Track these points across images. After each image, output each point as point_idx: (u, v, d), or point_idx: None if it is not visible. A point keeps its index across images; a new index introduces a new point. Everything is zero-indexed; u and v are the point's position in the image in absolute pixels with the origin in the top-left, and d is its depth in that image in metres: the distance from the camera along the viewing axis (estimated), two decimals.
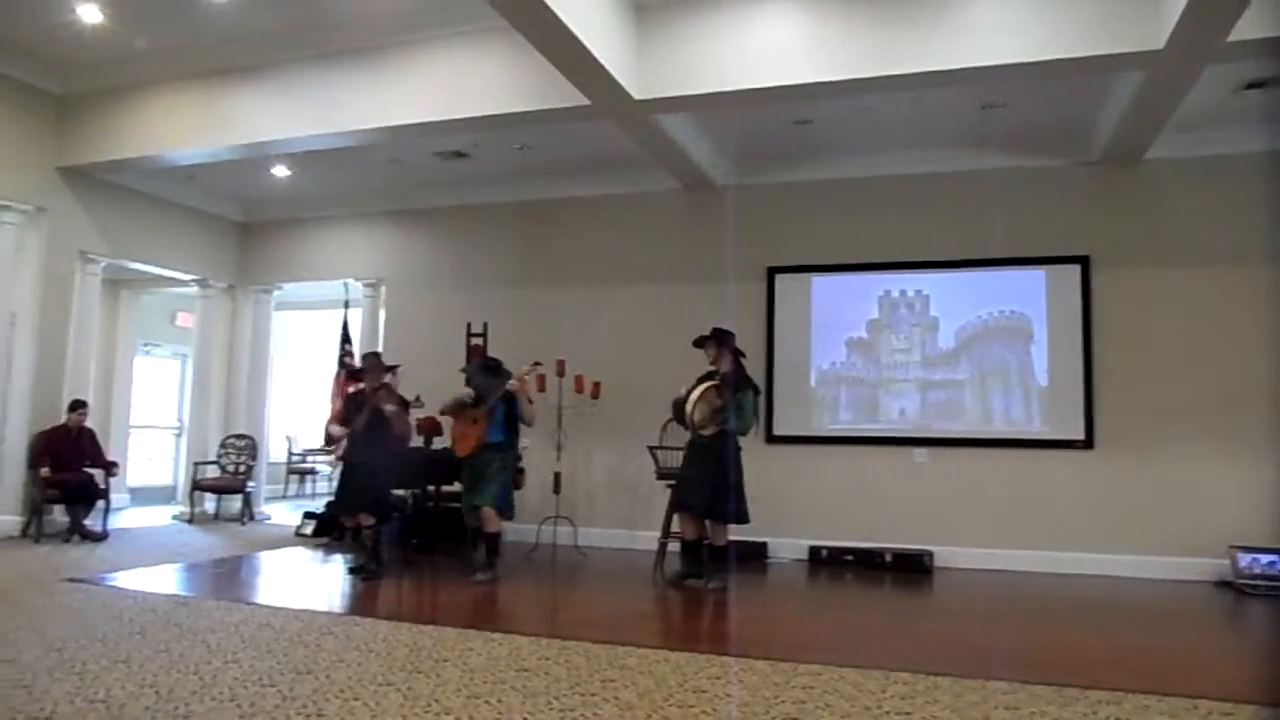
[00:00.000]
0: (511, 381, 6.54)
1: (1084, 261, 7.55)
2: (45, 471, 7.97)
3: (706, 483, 6.14)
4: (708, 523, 6.27)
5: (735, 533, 7.75)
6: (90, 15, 6.91)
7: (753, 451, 8.04)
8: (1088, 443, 7.40)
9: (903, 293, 8.04)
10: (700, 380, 6.37)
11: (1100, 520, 7.28)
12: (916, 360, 7.96)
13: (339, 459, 7.11)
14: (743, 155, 8.32)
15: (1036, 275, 7.69)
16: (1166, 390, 7.28)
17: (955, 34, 5.80)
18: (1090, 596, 6.44)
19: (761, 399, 6.43)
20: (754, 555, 7.86)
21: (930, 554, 7.47)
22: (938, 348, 7.91)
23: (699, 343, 6.46)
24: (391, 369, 7.02)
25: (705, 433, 6.21)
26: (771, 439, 8.18)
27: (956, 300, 7.88)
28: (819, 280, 8.28)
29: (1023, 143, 7.70)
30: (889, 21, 5.95)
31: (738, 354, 6.41)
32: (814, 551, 7.80)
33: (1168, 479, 7.19)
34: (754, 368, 8.19)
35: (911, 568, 7.37)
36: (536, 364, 6.91)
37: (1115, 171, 7.54)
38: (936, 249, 7.93)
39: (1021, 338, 7.69)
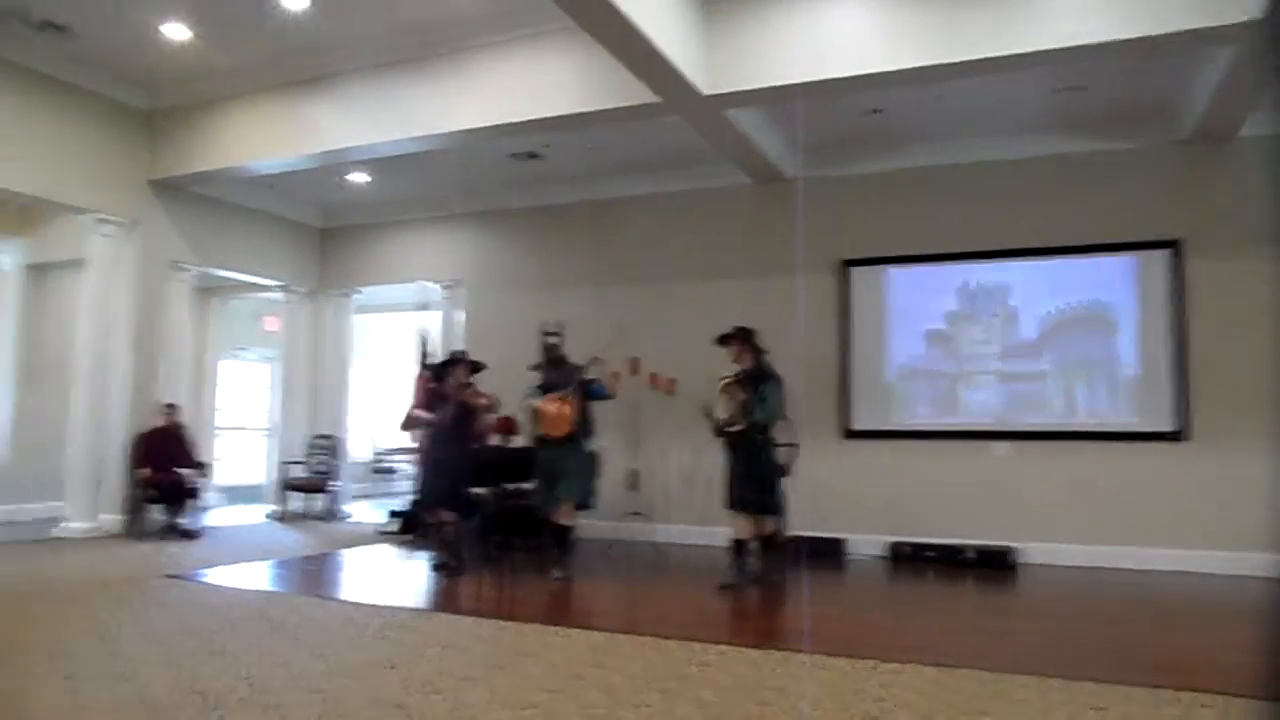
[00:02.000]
0: (593, 357, 6.61)
1: (1174, 245, 7.27)
2: (146, 472, 8.32)
3: (739, 478, 6.22)
4: (749, 516, 6.27)
5: (813, 529, 7.75)
6: (177, 33, 7.18)
7: (829, 447, 8.04)
8: (1180, 434, 7.13)
9: (981, 283, 7.86)
10: (723, 379, 6.38)
11: (1193, 515, 7.01)
12: (997, 352, 7.77)
13: (417, 452, 7.23)
14: (813, 147, 8.23)
15: (1123, 261, 7.44)
16: (1265, 379, 6.97)
17: (1033, 15, 5.64)
18: (1182, 594, 6.22)
19: (784, 387, 6.35)
20: (832, 551, 7.79)
21: (1014, 550, 7.30)
22: (1019, 338, 7.71)
23: (722, 340, 6.47)
24: (477, 367, 7.09)
25: (732, 429, 6.21)
26: (849, 434, 8.09)
27: (1038, 289, 7.67)
28: (894, 272, 8.15)
29: (1105, 124, 7.46)
30: (962, 5, 5.81)
31: (759, 350, 6.40)
32: (893, 548, 7.69)
33: (1266, 472, 6.87)
34: (828, 363, 8.17)
35: (994, 564, 7.22)
36: (617, 332, 6.91)
37: (1207, 151, 7.23)
38: (1015, 237, 7.73)
39: (1107, 327, 7.45)
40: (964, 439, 7.75)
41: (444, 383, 6.95)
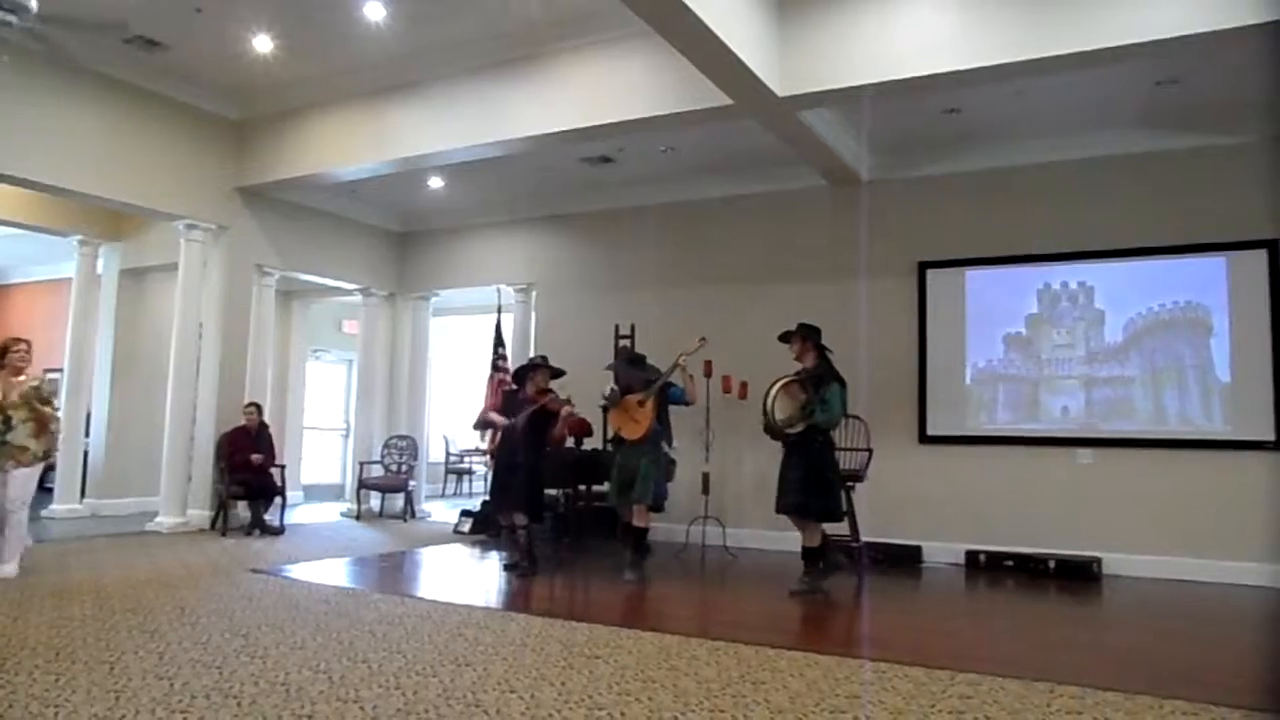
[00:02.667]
0: (679, 358, 6.59)
1: (1272, 245, 6.97)
2: (256, 458, 8.61)
3: (798, 481, 6.03)
4: (797, 521, 6.16)
5: (888, 535, 7.63)
6: (263, 45, 7.41)
7: (906, 452, 7.92)
8: (1277, 444, 6.82)
9: (1064, 285, 7.65)
10: (782, 379, 6.22)
11: None
12: (1080, 356, 7.55)
13: (489, 453, 7.32)
14: (889, 148, 8.11)
15: (1216, 262, 7.15)
16: None
17: (1122, 6, 5.44)
18: (1277, 612, 5.95)
19: (848, 391, 6.21)
20: (908, 559, 7.67)
21: (1098, 560, 7.08)
22: (1104, 342, 7.48)
23: (784, 338, 6.36)
24: (557, 374, 7.16)
25: (792, 431, 6.04)
26: (925, 439, 7.95)
27: (1124, 291, 7.43)
28: (973, 274, 7.98)
29: (1198, 119, 7.17)
30: None
31: (822, 348, 6.26)
32: (971, 556, 7.53)
33: None
34: (905, 366, 8.04)
35: (1078, 575, 7.01)
36: (702, 340, 6.88)
37: None
38: (1100, 238, 7.50)
39: (1199, 330, 7.18)
40: (1045, 445, 7.54)
41: (523, 388, 7.02)
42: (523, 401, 6.91)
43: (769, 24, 6.26)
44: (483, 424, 7.43)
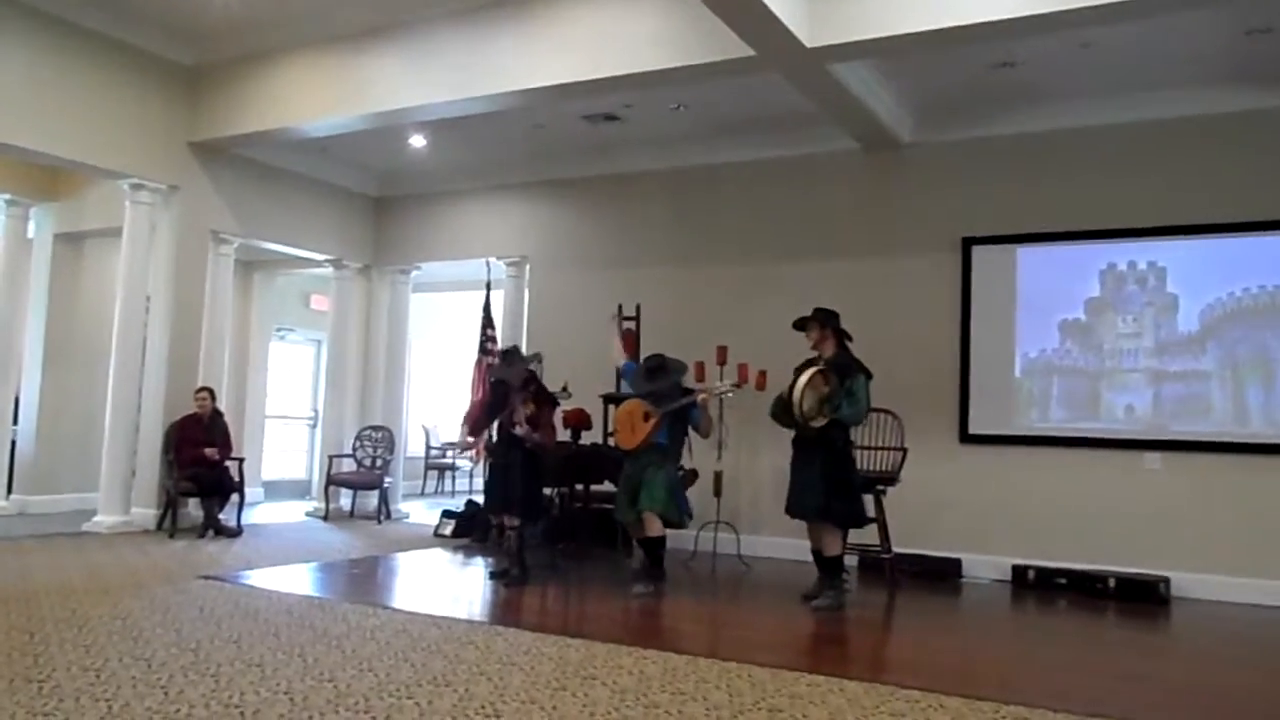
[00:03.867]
0: (700, 395, 6.58)
1: None
2: (210, 451, 8.59)
3: (816, 482, 6.06)
4: (815, 527, 6.18)
5: (923, 546, 7.61)
6: None
7: (945, 452, 7.89)
8: None
9: (1131, 265, 7.60)
10: (803, 367, 6.24)
11: None
12: (1149, 347, 7.50)
13: (483, 453, 7.37)
14: (932, 107, 8.05)
15: None
16: None
17: None
18: None
19: (874, 384, 6.24)
20: (946, 573, 7.65)
21: (1166, 580, 7.04)
22: (1176, 332, 7.43)
23: (799, 324, 6.38)
24: (532, 360, 7.13)
25: (815, 424, 6.07)
26: (967, 438, 7.92)
27: (1201, 274, 7.36)
28: (1025, 252, 7.93)
29: None
30: None
31: (842, 336, 6.30)
32: (1018, 572, 7.50)
33: None
34: (945, 356, 8.00)
35: (1142, 596, 6.96)
36: (736, 385, 6.95)
37: None
38: (1175, 212, 7.42)
39: None
40: (1106, 448, 7.50)
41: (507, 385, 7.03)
42: (506, 394, 6.93)
43: None
44: (473, 430, 7.48)
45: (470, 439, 7.37)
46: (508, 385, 6.97)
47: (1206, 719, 3.84)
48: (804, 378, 6.04)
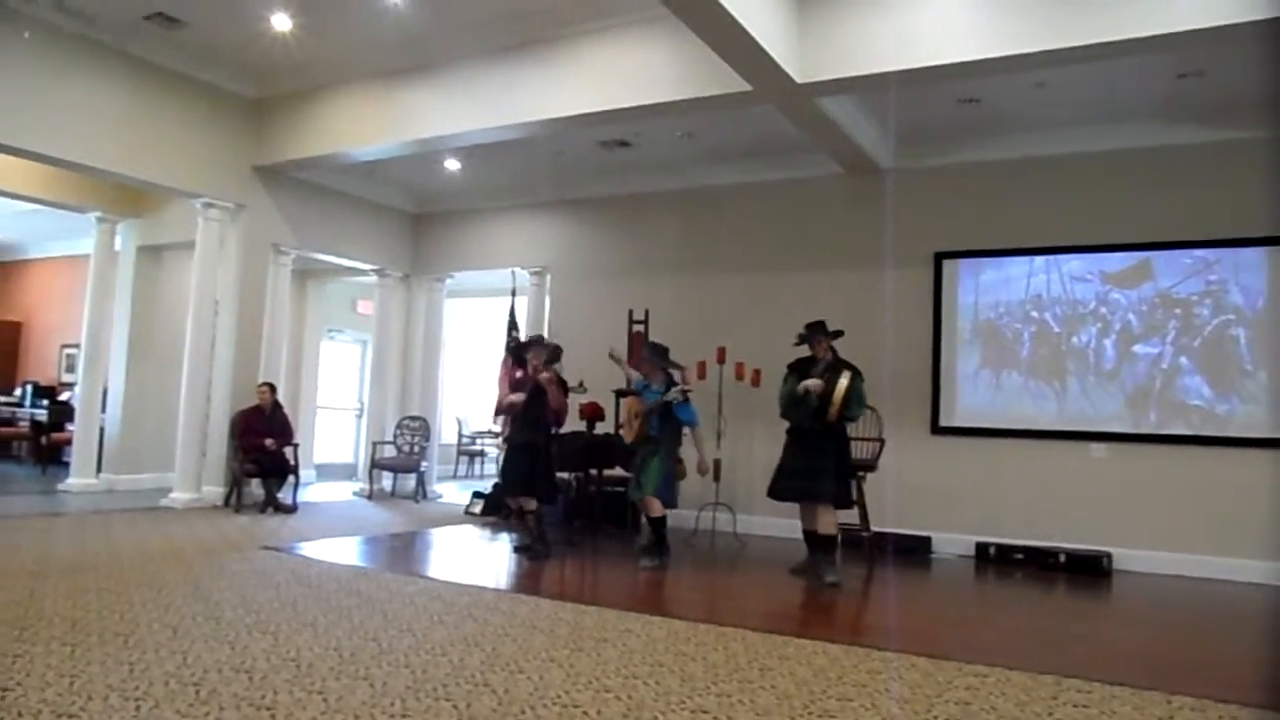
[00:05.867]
0: (673, 392, 6.57)
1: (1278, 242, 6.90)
2: (269, 443, 8.68)
3: (831, 469, 6.11)
4: (820, 509, 6.15)
5: (898, 525, 7.64)
6: (281, 23, 7.41)
7: (917, 443, 7.92)
8: None
9: (1079, 277, 7.60)
10: (798, 366, 6.30)
11: None
12: (1094, 349, 7.51)
13: (504, 439, 7.35)
14: (908, 136, 8.06)
15: (1248, 254, 7.02)
16: None
17: None
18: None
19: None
20: (917, 549, 7.67)
21: (1109, 555, 7.06)
22: (1117, 337, 7.43)
23: (804, 339, 6.35)
24: (557, 354, 7.15)
25: (834, 420, 6.14)
26: (937, 429, 7.95)
27: (1139, 286, 7.37)
28: (989, 265, 7.95)
29: (1221, 112, 7.09)
30: None
31: (831, 336, 6.33)
32: (981, 548, 7.53)
33: None
34: (919, 357, 8.03)
35: (1088, 569, 6.99)
36: (686, 390, 6.84)
37: None
38: (1117, 231, 7.44)
39: (1222, 326, 7.12)
40: (1058, 439, 7.52)
41: (524, 367, 7.04)
42: (524, 381, 6.94)
43: (789, 9, 6.22)
44: (504, 408, 7.33)
45: (516, 397, 6.96)
46: (526, 373, 6.92)
47: (1142, 675, 3.86)
48: (845, 380, 6.04)
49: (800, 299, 8.44)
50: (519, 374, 7.25)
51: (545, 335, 8.80)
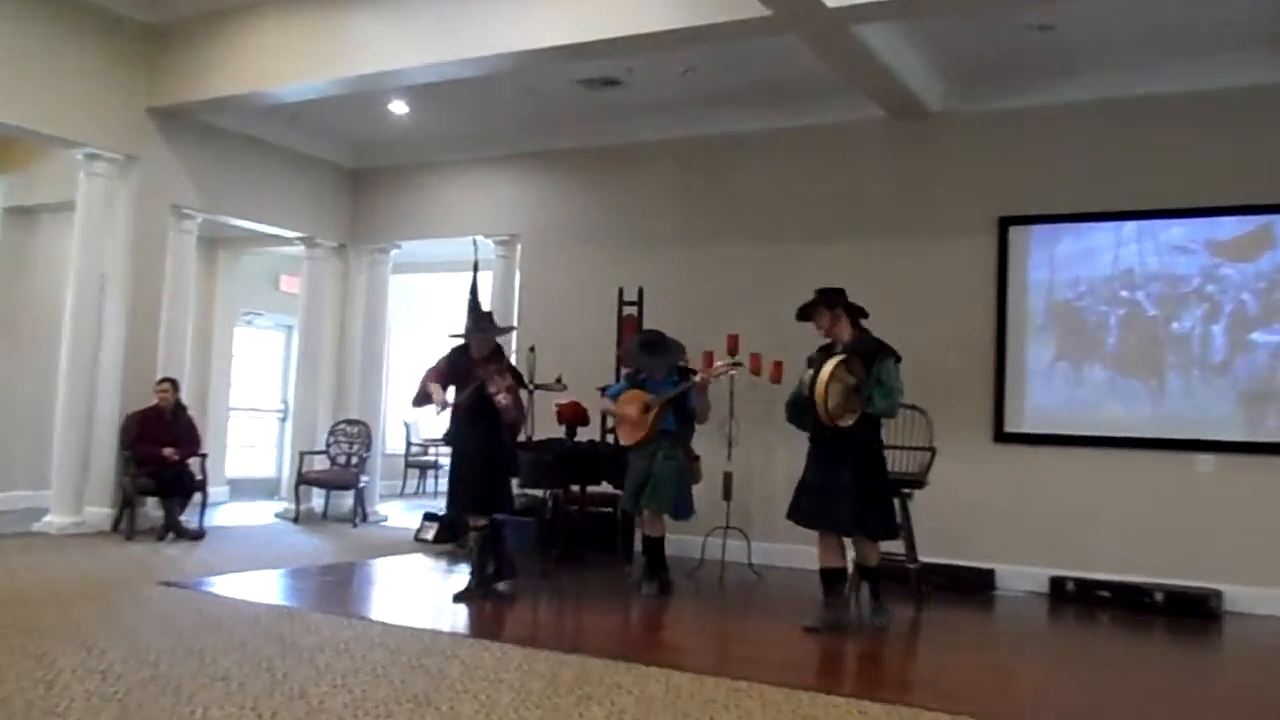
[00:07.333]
0: (700, 376, 6.59)
1: None
2: (170, 452, 8.62)
3: (848, 489, 5.80)
4: (855, 541, 6.05)
5: (951, 555, 7.62)
6: None
7: (977, 452, 7.89)
8: None
9: (1184, 247, 7.59)
10: (819, 356, 5.98)
11: None
12: (1202, 337, 7.50)
13: (444, 440, 7.21)
14: (965, 73, 8.03)
15: None
16: None
17: None
18: None
19: (904, 367, 6.00)
20: (977, 585, 7.65)
21: (1218, 594, 7.06)
22: (1233, 323, 7.41)
23: (803, 314, 6.14)
24: (505, 331, 7.01)
25: (844, 423, 5.80)
26: (1002, 436, 7.93)
27: (1257, 258, 7.36)
28: (1067, 233, 7.93)
29: None
30: None
31: (857, 314, 6.06)
32: (1056, 584, 7.52)
33: None
34: (979, 347, 7.99)
35: (1191, 611, 6.97)
36: (736, 363, 6.95)
37: None
38: (1229, 190, 7.41)
39: None
40: (1154, 448, 7.48)
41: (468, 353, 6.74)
42: (469, 367, 6.61)
43: None
44: (420, 397, 6.87)
45: (436, 392, 6.60)
46: (469, 357, 6.62)
47: None
48: (825, 370, 5.74)
49: (829, 276, 8.30)
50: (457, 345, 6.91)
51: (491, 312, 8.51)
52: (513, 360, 7.39)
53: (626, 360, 7.07)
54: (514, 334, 7.29)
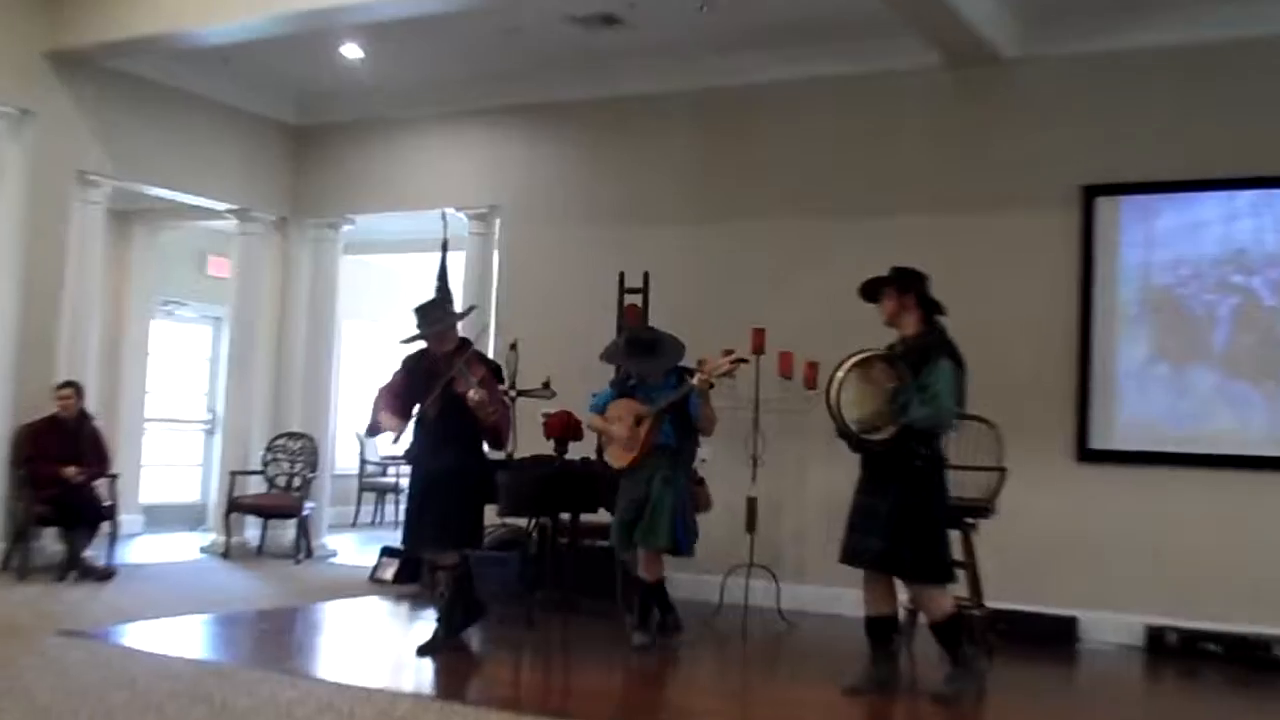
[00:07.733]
0: (699, 377, 6.58)
1: None
2: (72, 471, 8.60)
3: (882, 515, 5.66)
4: (897, 584, 5.96)
5: (1026, 600, 7.60)
6: None
7: (1057, 474, 7.87)
8: None
9: None
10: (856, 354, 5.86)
11: None
12: None
13: (405, 458, 7.17)
14: (1045, 9, 8.02)
15: None
16: None
17: None
18: None
19: (966, 376, 5.82)
20: (1057, 635, 7.65)
21: None
22: None
23: (869, 292, 5.99)
24: (462, 316, 6.97)
25: (876, 437, 5.69)
26: (1087, 455, 7.92)
27: None
28: (1167, 205, 7.93)
29: None
30: None
31: (932, 307, 5.93)
32: (1154, 635, 7.50)
33: None
34: (1056, 345, 7.99)
35: None
36: (740, 359, 6.94)
37: None
38: None
39: None
40: (1274, 469, 7.48)
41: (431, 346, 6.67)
42: (433, 368, 6.51)
43: None
44: (372, 428, 6.98)
45: (389, 421, 6.59)
46: (432, 357, 6.57)
47: None
48: (843, 372, 5.67)
49: (874, 255, 8.22)
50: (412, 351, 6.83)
51: (491, 322, 8.55)
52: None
53: (611, 363, 7.02)
54: (491, 323, 7.22)
